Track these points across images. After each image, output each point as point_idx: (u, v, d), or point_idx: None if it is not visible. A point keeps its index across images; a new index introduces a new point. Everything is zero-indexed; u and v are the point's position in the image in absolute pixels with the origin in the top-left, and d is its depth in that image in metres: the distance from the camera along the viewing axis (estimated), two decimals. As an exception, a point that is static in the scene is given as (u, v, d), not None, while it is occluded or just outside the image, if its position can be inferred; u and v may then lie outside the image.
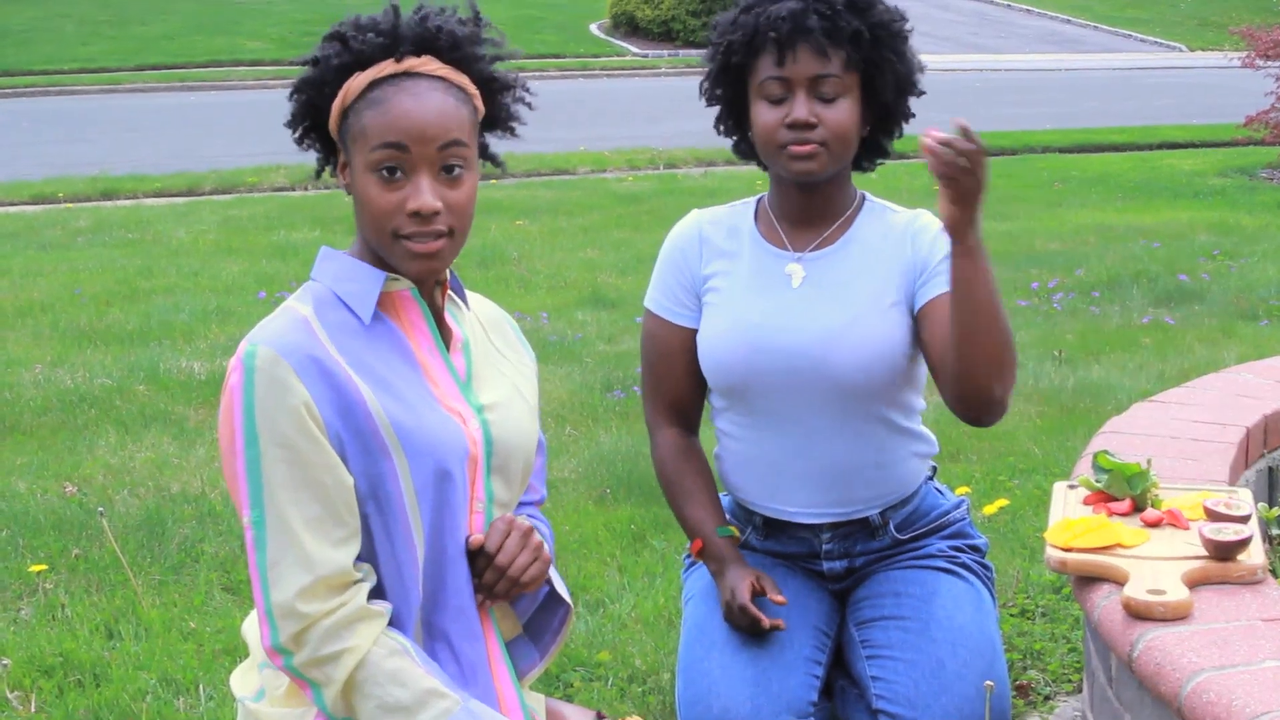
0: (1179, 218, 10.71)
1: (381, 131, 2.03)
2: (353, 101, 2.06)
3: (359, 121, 2.05)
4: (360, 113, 2.05)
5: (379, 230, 2.06)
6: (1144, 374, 6.33)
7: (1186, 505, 2.46)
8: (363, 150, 2.05)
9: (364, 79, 2.06)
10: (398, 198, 2.04)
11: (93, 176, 13.40)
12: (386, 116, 2.04)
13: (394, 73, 2.06)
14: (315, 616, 1.99)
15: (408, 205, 2.04)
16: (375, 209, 2.05)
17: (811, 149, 2.52)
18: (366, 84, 2.06)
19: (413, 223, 2.04)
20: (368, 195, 2.05)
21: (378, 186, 2.04)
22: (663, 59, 25.97)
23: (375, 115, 2.04)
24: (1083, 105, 19.42)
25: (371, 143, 2.04)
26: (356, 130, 2.05)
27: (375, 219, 2.05)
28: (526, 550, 2.13)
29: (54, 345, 7.25)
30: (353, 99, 2.06)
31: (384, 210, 2.04)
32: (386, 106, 2.04)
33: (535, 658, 2.31)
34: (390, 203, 2.04)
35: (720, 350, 2.62)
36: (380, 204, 2.04)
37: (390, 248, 2.07)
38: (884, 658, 2.54)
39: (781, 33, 2.51)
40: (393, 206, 2.04)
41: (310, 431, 2.00)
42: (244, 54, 24.98)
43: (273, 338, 2.02)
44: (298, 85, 2.11)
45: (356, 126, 2.06)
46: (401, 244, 2.06)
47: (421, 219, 2.04)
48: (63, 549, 4.42)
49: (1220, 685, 1.93)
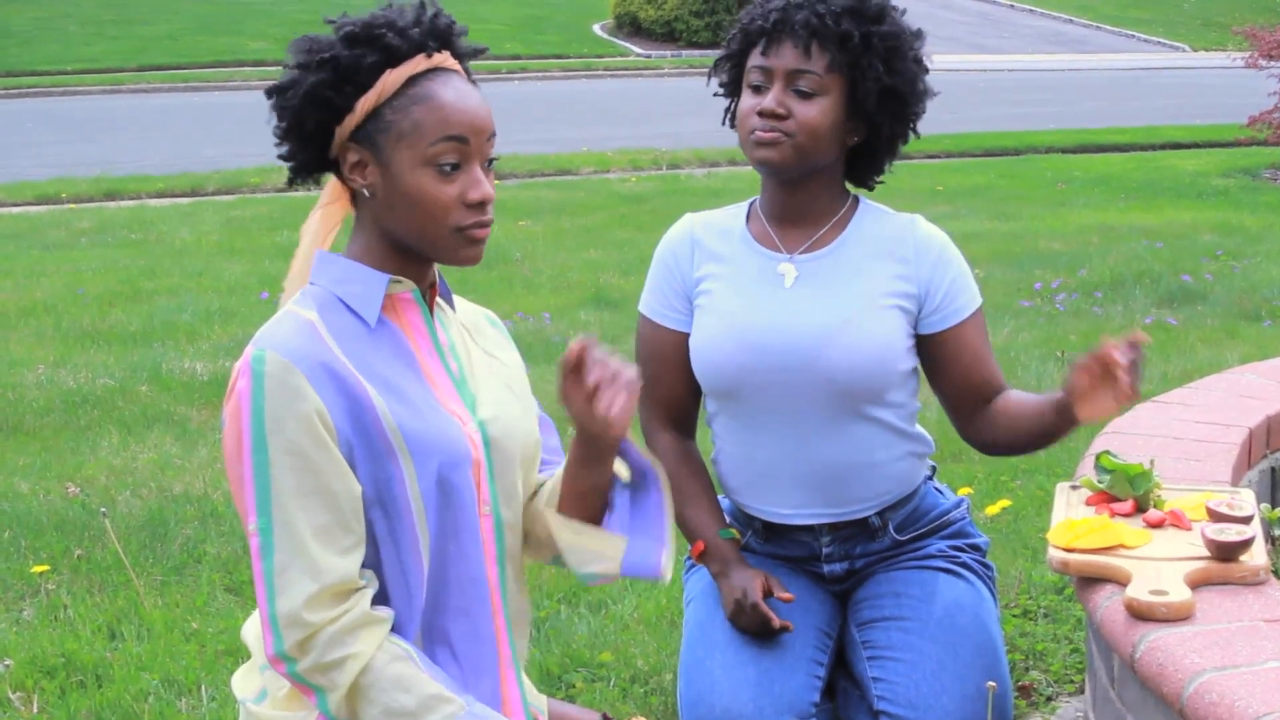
0: (1182, 218, 10.70)
1: (440, 126, 2.03)
2: (390, 99, 2.05)
3: (405, 118, 2.03)
4: (404, 109, 2.03)
5: (436, 224, 2.05)
6: (1146, 374, 6.29)
7: (1189, 506, 2.45)
8: (414, 146, 2.03)
9: (401, 75, 2.04)
10: (456, 191, 2.04)
11: (96, 177, 13.41)
12: (442, 111, 2.03)
13: (427, 69, 2.06)
14: (320, 624, 1.98)
15: (469, 196, 2.04)
16: (435, 203, 2.04)
17: (774, 136, 2.52)
18: (404, 81, 2.05)
19: (470, 214, 2.05)
20: (423, 190, 2.04)
21: (435, 181, 2.04)
22: (665, 59, 25.97)
23: (427, 111, 2.03)
24: (1085, 105, 19.42)
25: (429, 137, 2.03)
26: (404, 127, 2.03)
27: (434, 213, 2.04)
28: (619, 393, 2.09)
29: (57, 346, 7.25)
30: (390, 96, 2.05)
31: (444, 204, 2.04)
32: (438, 101, 2.04)
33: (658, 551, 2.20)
34: (449, 196, 2.04)
35: (712, 352, 2.62)
36: (440, 198, 2.04)
37: (444, 240, 2.06)
38: (885, 658, 2.54)
39: (769, 23, 2.54)
40: (452, 200, 2.04)
41: (321, 439, 1.99)
42: (247, 54, 24.99)
43: (281, 343, 2.01)
44: (311, 90, 2.06)
45: (403, 123, 2.03)
46: (458, 235, 2.06)
47: (480, 209, 2.05)
48: (65, 549, 4.42)
49: (1223, 686, 1.93)
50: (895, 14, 2.58)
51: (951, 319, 2.61)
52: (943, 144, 14.68)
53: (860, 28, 2.51)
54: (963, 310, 2.62)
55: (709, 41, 25.57)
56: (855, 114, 2.57)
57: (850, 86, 2.54)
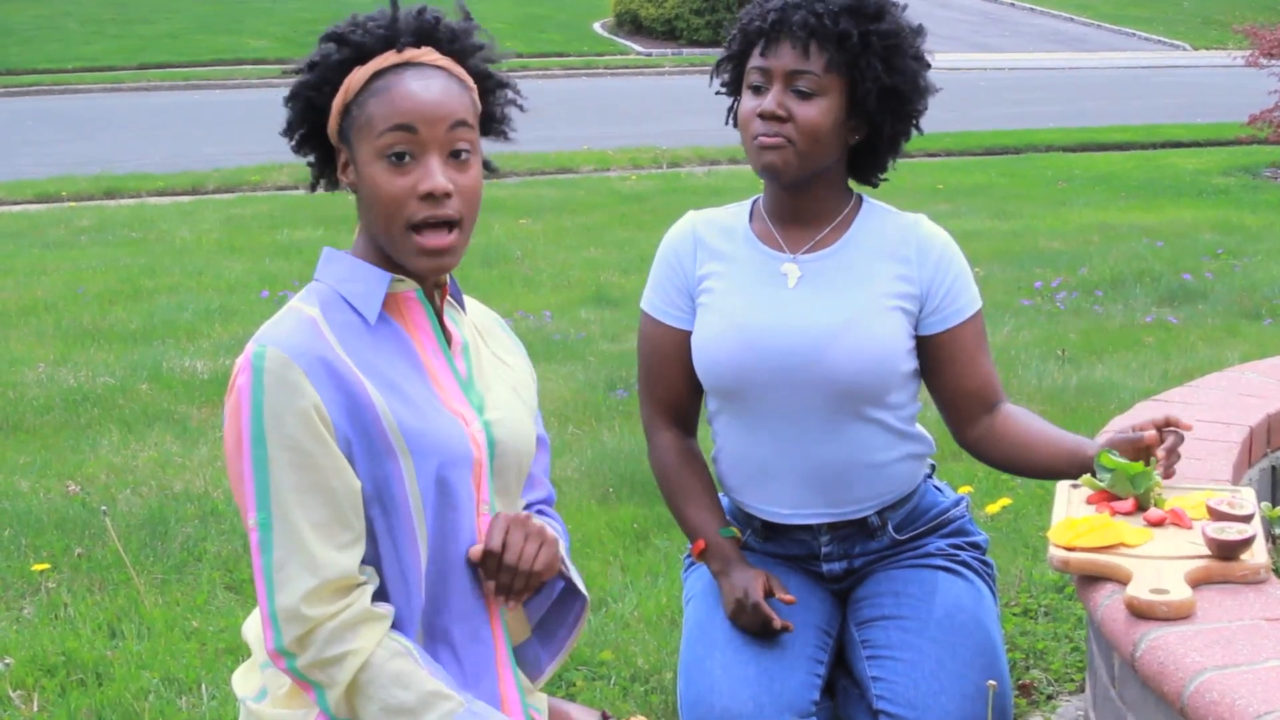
0: (1182, 217, 10.70)
1: (388, 116, 2.02)
2: (355, 95, 2.05)
3: (363, 113, 2.03)
4: (364, 103, 2.04)
5: (390, 220, 2.03)
6: (1147, 373, 6.32)
7: (1190, 504, 2.45)
8: (369, 139, 2.03)
9: (366, 71, 2.05)
10: (408, 183, 2.02)
11: (96, 175, 13.41)
12: (393, 101, 2.02)
13: (396, 63, 2.05)
14: (319, 620, 1.98)
15: (420, 187, 2.01)
16: (385, 196, 2.02)
17: (776, 141, 2.52)
18: (369, 76, 2.05)
19: (425, 207, 2.02)
20: (376, 183, 2.03)
21: (387, 173, 2.02)
22: (666, 58, 25.97)
23: (380, 102, 2.03)
24: (1086, 104, 19.41)
25: (379, 128, 2.02)
26: (361, 121, 2.03)
27: (386, 207, 2.03)
28: (530, 539, 2.11)
29: (57, 344, 7.25)
30: (355, 92, 2.05)
31: (394, 197, 2.02)
32: (391, 93, 2.03)
33: (545, 661, 2.31)
34: (401, 188, 2.02)
35: (714, 351, 2.62)
36: (390, 190, 2.02)
37: (401, 242, 2.04)
38: (884, 658, 2.54)
39: (767, 24, 2.53)
40: (404, 192, 2.02)
41: (319, 434, 1.99)
42: (247, 53, 24.99)
43: (281, 339, 2.01)
44: (294, 90, 2.09)
45: (361, 118, 2.04)
46: (412, 238, 2.03)
47: (434, 201, 2.02)
48: (65, 548, 4.42)
49: (1223, 685, 1.93)
50: (895, 11, 2.56)
51: (950, 321, 2.61)
52: (943, 143, 14.68)
53: (859, 26, 2.50)
54: (962, 312, 2.61)
55: (709, 40, 25.57)
56: (856, 113, 2.56)
57: (850, 86, 2.53)
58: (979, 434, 2.65)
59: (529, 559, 2.10)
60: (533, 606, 2.30)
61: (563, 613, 2.31)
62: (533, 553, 2.11)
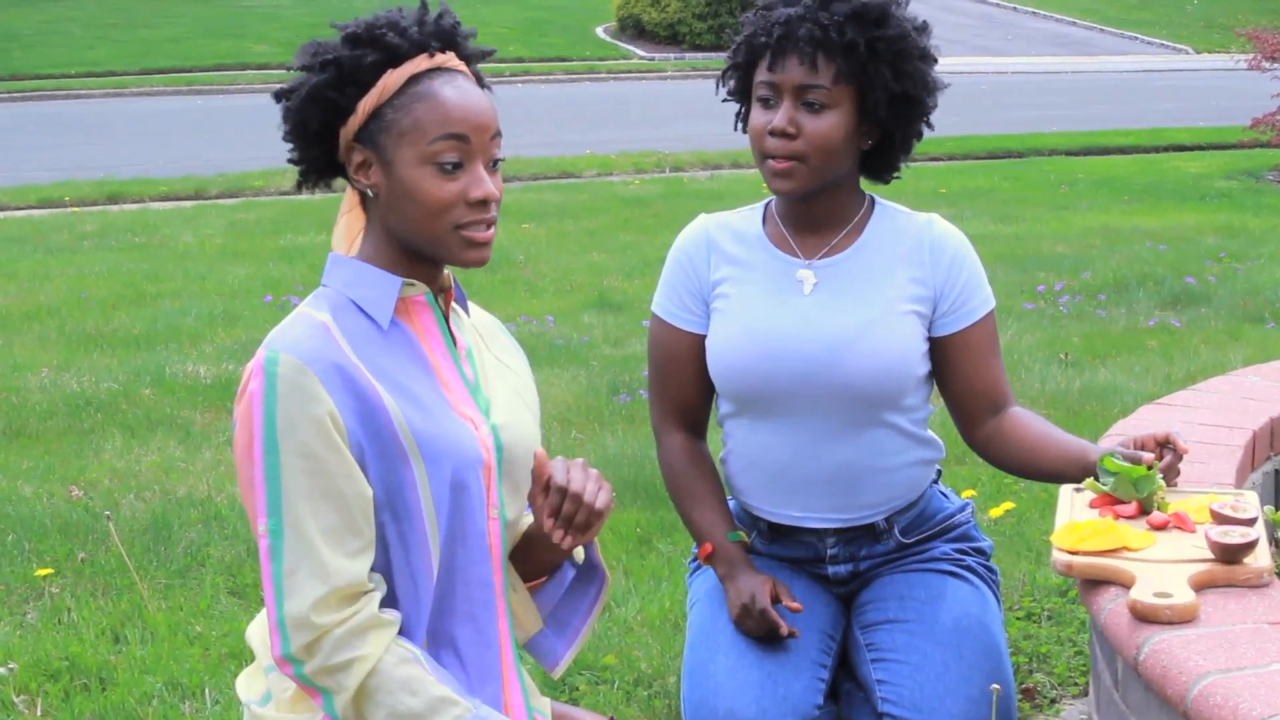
0: (1185, 220, 10.70)
1: (440, 123, 2.03)
2: (391, 98, 2.05)
3: (406, 116, 2.04)
4: (405, 108, 2.04)
5: (436, 222, 2.05)
6: (1150, 377, 6.32)
7: (1193, 508, 2.45)
8: (415, 144, 2.03)
9: (402, 75, 2.05)
10: (458, 188, 2.04)
11: (99, 180, 13.43)
12: (443, 109, 2.03)
13: (430, 68, 2.06)
14: (328, 627, 1.98)
15: (471, 195, 2.04)
16: (435, 202, 2.04)
17: (788, 166, 2.52)
18: (406, 79, 2.05)
19: (472, 212, 2.05)
20: (423, 188, 2.04)
21: (437, 179, 2.04)
22: (669, 62, 25.97)
23: (428, 109, 2.03)
24: (1089, 108, 19.41)
25: (430, 135, 2.03)
26: (405, 126, 2.04)
27: (434, 212, 2.04)
28: (591, 479, 2.10)
29: (60, 349, 7.25)
30: (391, 95, 2.05)
31: (445, 202, 2.04)
32: (439, 100, 2.04)
33: (562, 650, 2.30)
34: (451, 194, 2.04)
35: (731, 357, 2.62)
36: (441, 196, 2.04)
37: (445, 238, 2.06)
38: (889, 661, 2.54)
39: (773, 39, 2.51)
40: (454, 198, 2.04)
41: (333, 441, 1.99)
42: (251, 58, 25.00)
43: (294, 345, 2.01)
44: (312, 92, 2.07)
45: (404, 122, 2.04)
46: (459, 234, 2.05)
47: (483, 207, 2.05)
48: (69, 553, 4.43)
49: (1227, 688, 1.93)
50: (898, 12, 2.55)
51: (962, 321, 2.61)
52: (946, 146, 14.68)
53: (864, 34, 2.49)
54: (974, 313, 2.61)
55: (712, 44, 25.58)
56: (866, 120, 2.55)
57: (859, 94, 2.52)
58: (986, 435, 2.65)
59: (592, 495, 2.08)
60: (543, 597, 2.30)
61: (575, 601, 2.31)
62: (595, 490, 2.09)
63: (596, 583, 2.32)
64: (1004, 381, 2.66)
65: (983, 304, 2.63)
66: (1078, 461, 2.55)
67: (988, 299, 2.64)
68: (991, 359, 2.64)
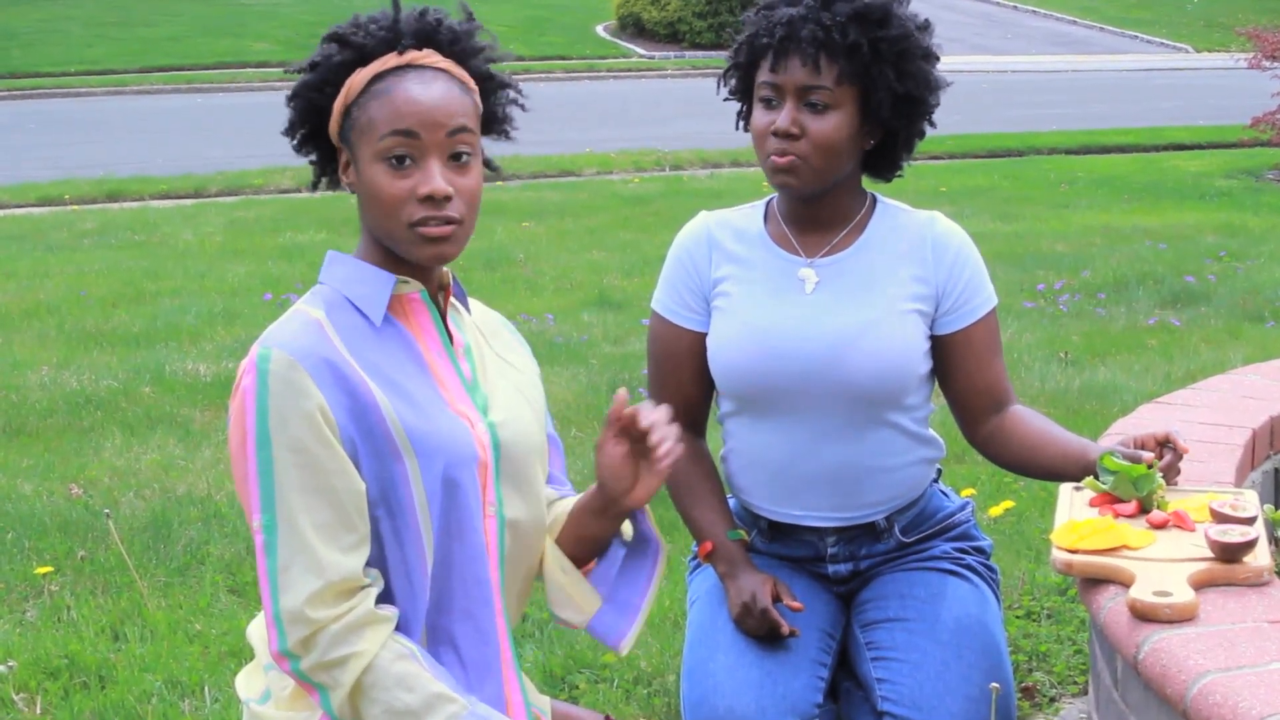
0: (1185, 219, 10.70)
1: (390, 119, 2.03)
2: (356, 97, 2.06)
3: (364, 115, 2.04)
4: (365, 106, 2.04)
5: (390, 220, 2.04)
6: (1150, 375, 6.32)
7: (1192, 507, 2.45)
8: (370, 141, 2.04)
9: (367, 73, 2.05)
10: (408, 185, 2.03)
11: (99, 178, 13.43)
12: (394, 104, 2.03)
13: (397, 65, 2.06)
14: (324, 622, 1.98)
15: (419, 190, 2.03)
16: (386, 198, 2.03)
17: (790, 161, 2.51)
18: (370, 78, 2.05)
19: (424, 208, 2.03)
20: (377, 185, 2.04)
21: (387, 175, 2.03)
22: (669, 60, 25.97)
23: (381, 105, 2.03)
24: (1089, 107, 19.41)
25: (380, 131, 2.03)
26: (363, 123, 2.04)
27: (386, 209, 2.04)
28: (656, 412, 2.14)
29: (60, 347, 7.25)
30: (356, 94, 2.05)
31: (395, 198, 2.03)
32: (392, 95, 2.04)
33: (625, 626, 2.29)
34: (401, 190, 2.03)
35: (733, 356, 2.61)
36: (391, 192, 2.03)
37: (402, 235, 2.05)
38: (889, 659, 2.54)
39: (775, 40, 2.51)
40: (404, 194, 2.03)
41: (324, 436, 1.99)
42: (250, 56, 25.02)
43: (287, 341, 2.01)
44: (296, 90, 2.10)
45: (362, 120, 2.04)
46: (414, 231, 2.04)
47: (434, 204, 2.03)
48: (68, 551, 4.43)
49: (1226, 687, 1.93)
50: (900, 11, 2.55)
51: (964, 320, 2.61)
52: (946, 145, 14.68)
53: (867, 35, 2.48)
54: (976, 311, 2.61)
55: (712, 43, 25.58)
56: (869, 120, 2.55)
57: (862, 94, 2.52)
58: (987, 433, 2.65)
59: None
60: (597, 577, 2.29)
61: (632, 576, 2.30)
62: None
63: (651, 554, 2.30)
64: (1005, 380, 2.66)
65: (985, 302, 2.63)
66: (1078, 460, 2.55)
67: (990, 297, 2.65)
68: (993, 357, 2.64)
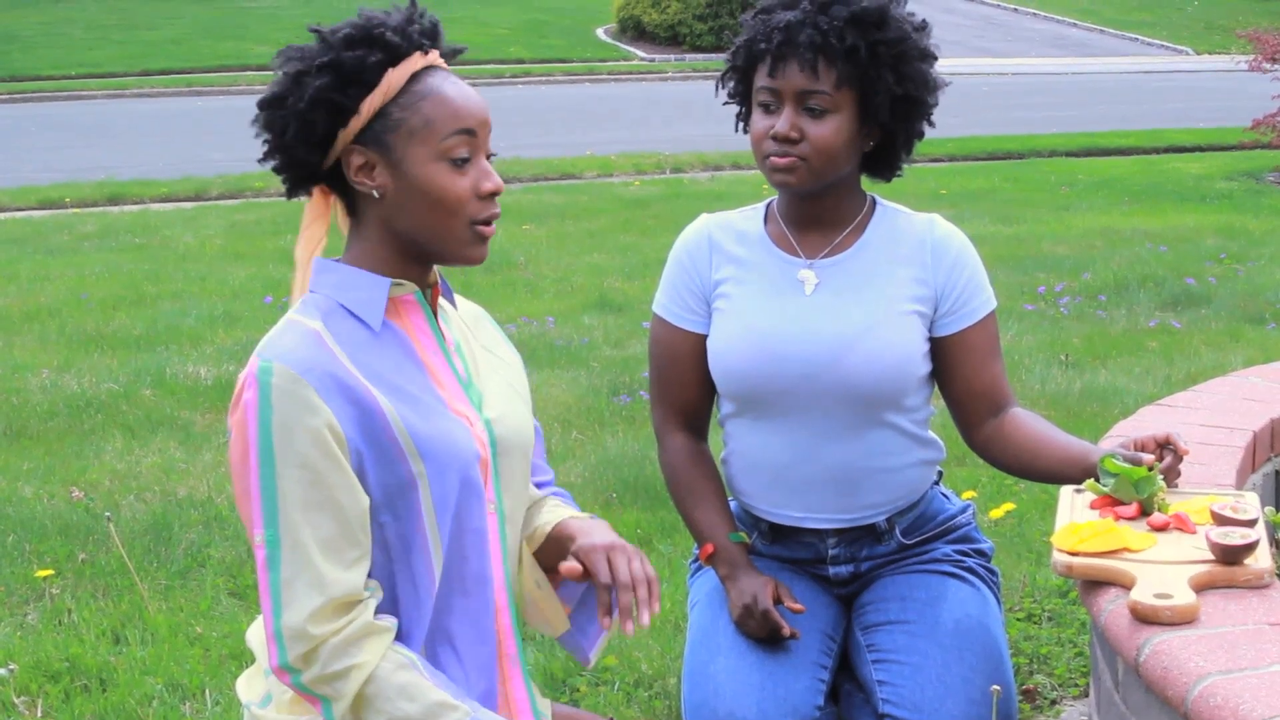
0: (1185, 221, 10.70)
1: (450, 119, 2.05)
2: (396, 97, 2.06)
3: (415, 115, 2.05)
4: (412, 105, 2.05)
5: (453, 218, 2.07)
6: (1150, 378, 6.32)
7: (1193, 509, 2.45)
8: (428, 141, 2.05)
9: (404, 73, 2.06)
10: (470, 183, 2.07)
11: (99, 181, 13.43)
12: (451, 105, 2.06)
13: (425, 66, 2.08)
14: (324, 637, 1.98)
15: (483, 187, 2.07)
16: (450, 197, 2.06)
17: (790, 162, 2.52)
18: (408, 78, 2.06)
19: (485, 206, 2.08)
20: (439, 184, 2.05)
21: (451, 175, 2.06)
22: (669, 63, 25.97)
23: (436, 105, 2.05)
24: (1089, 109, 19.42)
25: (441, 131, 2.05)
26: (414, 124, 2.05)
27: (450, 206, 2.06)
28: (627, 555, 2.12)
29: (61, 350, 7.26)
30: (395, 94, 2.06)
31: (461, 197, 2.06)
32: (443, 96, 2.06)
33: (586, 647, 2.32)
34: (465, 188, 2.07)
35: (733, 358, 2.62)
36: (458, 191, 2.06)
37: (461, 234, 2.08)
38: (890, 662, 2.54)
39: (773, 44, 2.51)
40: (468, 192, 2.07)
41: (331, 451, 1.99)
42: (251, 58, 25.01)
43: (288, 354, 2.00)
44: (315, 96, 2.05)
45: (414, 120, 2.05)
46: (474, 229, 2.08)
47: (493, 200, 2.09)
48: (69, 554, 4.43)
49: (1227, 689, 1.93)
50: (897, 13, 2.55)
51: (963, 322, 2.61)
52: (946, 147, 14.69)
53: (865, 38, 2.49)
54: (975, 313, 2.62)
55: (712, 45, 25.58)
56: (868, 121, 2.56)
57: (861, 98, 2.53)
58: (987, 436, 2.65)
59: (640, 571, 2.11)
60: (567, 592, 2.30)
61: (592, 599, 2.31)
62: (639, 565, 2.12)
63: None
64: (1005, 382, 2.66)
65: (984, 304, 2.63)
66: (1078, 463, 2.55)
67: (989, 300, 2.65)
68: (992, 360, 2.64)
